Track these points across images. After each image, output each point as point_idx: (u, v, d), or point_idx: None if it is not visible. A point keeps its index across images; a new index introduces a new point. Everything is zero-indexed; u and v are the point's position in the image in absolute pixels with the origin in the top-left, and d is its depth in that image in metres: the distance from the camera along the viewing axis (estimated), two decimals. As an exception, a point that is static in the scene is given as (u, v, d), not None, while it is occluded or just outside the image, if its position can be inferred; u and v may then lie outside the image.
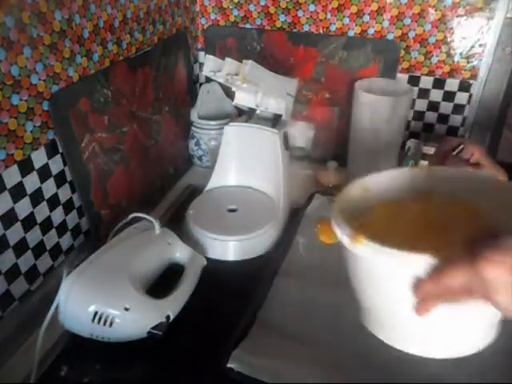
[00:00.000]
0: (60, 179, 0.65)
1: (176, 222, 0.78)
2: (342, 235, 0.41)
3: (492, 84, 0.91)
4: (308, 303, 0.63)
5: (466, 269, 0.34)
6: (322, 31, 0.96)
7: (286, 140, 0.80)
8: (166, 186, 0.93)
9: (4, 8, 0.51)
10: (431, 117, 0.97)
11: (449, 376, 0.51)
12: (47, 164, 0.63)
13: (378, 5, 0.90)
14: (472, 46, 0.88)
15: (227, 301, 0.64)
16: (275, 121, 0.80)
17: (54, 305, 0.54)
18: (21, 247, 0.60)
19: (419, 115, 0.98)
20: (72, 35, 0.63)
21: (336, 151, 1.01)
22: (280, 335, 0.58)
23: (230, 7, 0.99)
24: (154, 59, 0.83)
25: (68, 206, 0.68)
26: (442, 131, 0.98)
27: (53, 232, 0.66)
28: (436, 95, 0.95)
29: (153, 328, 0.55)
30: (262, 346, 0.55)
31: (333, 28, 0.95)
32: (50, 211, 0.65)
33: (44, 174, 0.62)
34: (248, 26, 1.00)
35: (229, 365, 0.52)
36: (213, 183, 0.85)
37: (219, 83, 0.94)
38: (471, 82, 0.91)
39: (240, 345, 0.55)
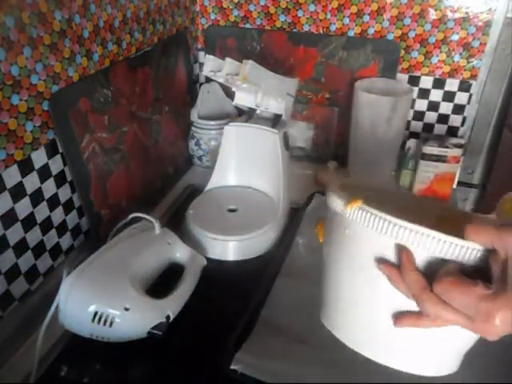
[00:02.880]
0: (60, 179, 0.65)
1: (176, 222, 0.78)
2: (338, 200, 0.38)
3: (492, 84, 0.91)
4: (308, 303, 0.63)
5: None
6: (322, 31, 0.96)
7: (286, 140, 0.80)
8: (166, 186, 0.93)
9: (4, 8, 0.51)
10: (431, 117, 0.97)
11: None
12: (47, 164, 0.63)
13: (378, 5, 0.90)
14: (472, 46, 0.88)
15: (227, 301, 0.64)
16: (275, 121, 0.80)
17: (54, 305, 0.54)
18: (21, 247, 0.60)
19: (419, 115, 0.98)
20: (72, 35, 0.63)
21: (336, 151, 1.01)
22: (281, 335, 0.58)
23: (230, 7, 0.99)
24: (153, 59, 0.83)
25: (68, 206, 0.68)
26: (442, 131, 0.98)
27: (53, 232, 0.66)
28: (436, 95, 0.95)
29: (153, 328, 0.55)
30: (264, 347, 0.55)
31: (333, 28, 0.95)
32: (50, 211, 0.65)
33: (44, 174, 0.62)
34: (248, 25, 1.00)
35: (232, 366, 0.52)
36: (213, 183, 0.85)
37: (219, 83, 0.94)
38: (471, 82, 0.91)
39: (243, 346, 0.55)
